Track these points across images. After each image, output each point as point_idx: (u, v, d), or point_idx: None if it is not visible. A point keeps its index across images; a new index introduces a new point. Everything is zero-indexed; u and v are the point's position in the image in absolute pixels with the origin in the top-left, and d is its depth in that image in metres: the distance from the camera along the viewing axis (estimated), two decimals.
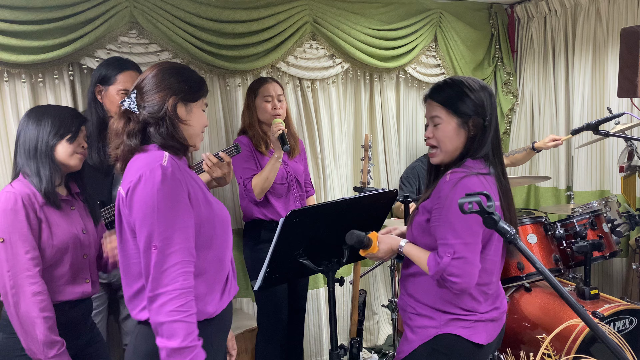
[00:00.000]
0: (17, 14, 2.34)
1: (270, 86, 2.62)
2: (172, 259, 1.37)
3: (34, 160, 1.75)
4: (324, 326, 3.29)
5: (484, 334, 1.67)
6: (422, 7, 3.61)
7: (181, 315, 1.35)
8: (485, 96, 1.65)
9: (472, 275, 1.56)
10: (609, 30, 3.46)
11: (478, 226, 1.56)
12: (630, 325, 2.58)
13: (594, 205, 3.05)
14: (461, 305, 1.65)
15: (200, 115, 1.58)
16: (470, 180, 1.57)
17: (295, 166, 2.73)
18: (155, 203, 1.37)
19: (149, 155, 1.46)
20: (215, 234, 1.52)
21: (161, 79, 1.50)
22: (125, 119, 1.51)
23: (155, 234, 1.37)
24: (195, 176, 1.56)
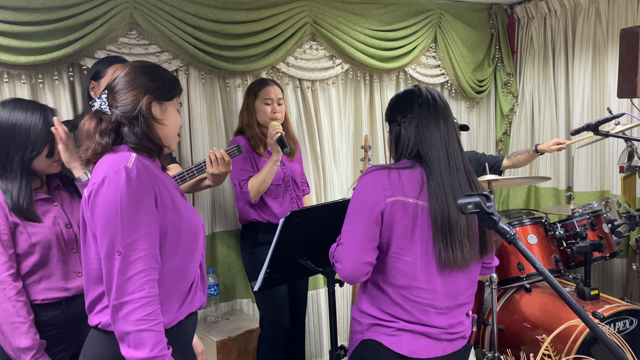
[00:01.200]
0: (17, 15, 2.34)
1: (272, 89, 2.62)
2: (136, 266, 1.31)
3: (3, 179, 1.74)
4: (324, 327, 3.29)
5: (407, 345, 1.55)
6: (422, 8, 3.61)
7: (148, 324, 1.30)
8: (403, 100, 1.64)
9: (350, 262, 1.53)
10: (609, 31, 3.46)
11: (365, 214, 1.53)
12: (630, 325, 2.58)
13: (594, 205, 3.05)
14: (383, 308, 1.58)
15: (175, 115, 1.53)
16: (377, 172, 1.56)
17: (292, 167, 2.73)
18: (119, 207, 1.31)
19: (115, 157, 1.40)
20: (180, 242, 1.45)
21: (133, 77, 1.45)
22: (97, 119, 1.45)
23: (119, 240, 1.31)
24: (167, 180, 1.49)
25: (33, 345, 1.68)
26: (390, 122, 1.66)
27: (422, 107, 1.59)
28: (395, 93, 1.72)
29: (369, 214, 1.53)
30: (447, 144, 1.58)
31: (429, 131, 1.57)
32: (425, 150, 1.56)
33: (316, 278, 3.24)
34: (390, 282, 1.56)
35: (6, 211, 1.71)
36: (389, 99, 1.72)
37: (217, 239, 3.04)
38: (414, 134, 1.58)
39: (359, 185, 1.58)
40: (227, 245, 3.06)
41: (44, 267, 1.77)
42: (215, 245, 3.03)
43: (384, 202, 1.52)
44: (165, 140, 1.50)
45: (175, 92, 1.52)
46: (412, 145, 1.58)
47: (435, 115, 1.59)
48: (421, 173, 1.56)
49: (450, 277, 1.57)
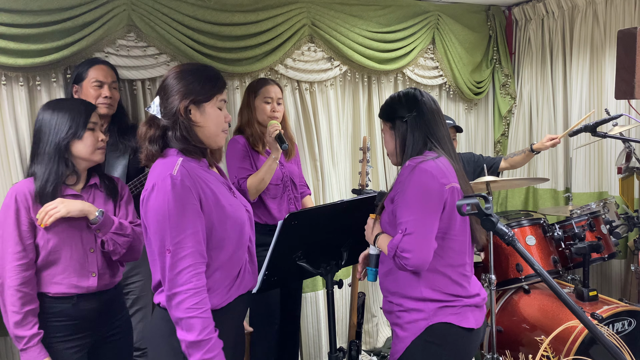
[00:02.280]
0: (15, 17, 2.34)
1: (272, 88, 2.62)
2: (184, 262, 1.47)
3: (42, 163, 1.80)
4: (323, 329, 3.28)
5: (472, 319, 1.71)
6: (420, 10, 3.62)
7: (197, 311, 1.47)
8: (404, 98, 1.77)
9: (423, 250, 1.60)
10: (606, 32, 3.47)
11: (434, 203, 1.64)
12: (629, 326, 2.58)
13: (593, 206, 3.06)
14: (447, 291, 1.69)
15: (216, 114, 1.61)
16: (428, 163, 1.66)
17: (290, 167, 2.73)
18: (167, 211, 1.47)
19: (164, 163, 1.53)
20: (227, 236, 1.58)
21: (177, 81, 1.56)
22: (149, 124, 1.59)
23: (168, 240, 1.47)
24: (212, 178, 1.61)
25: (24, 335, 1.74)
26: (393, 119, 1.77)
27: (426, 104, 1.74)
28: (393, 94, 1.84)
29: (436, 203, 1.64)
30: (447, 133, 1.78)
31: (436, 127, 1.74)
32: (437, 141, 1.73)
33: (315, 280, 3.24)
34: (448, 264, 1.70)
35: (30, 203, 1.77)
36: (387, 101, 1.83)
37: None
38: (424, 129, 1.73)
39: (417, 176, 1.65)
40: None
41: (59, 262, 1.81)
42: None
43: (445, 190, 1.65)
44: (207, 140, 1.61)
45: (214, 91, 1.59)
46: (425, 138, 1.72)
47: (436, 109, 1.76)
48: (448, 159, 1.73)
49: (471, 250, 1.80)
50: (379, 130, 3.64)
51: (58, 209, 1.74)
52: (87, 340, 1.89)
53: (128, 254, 1.92)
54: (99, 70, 2.34)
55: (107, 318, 1.94)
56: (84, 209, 1.79)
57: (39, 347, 1.76)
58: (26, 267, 1.76)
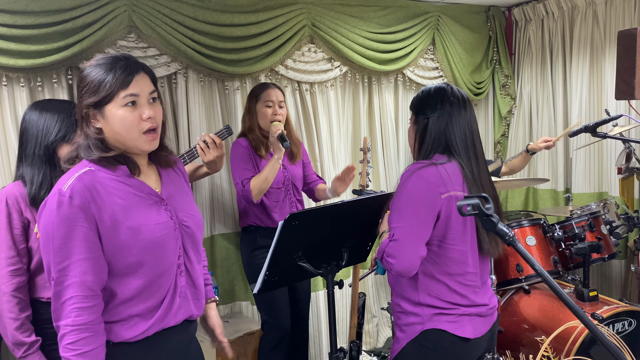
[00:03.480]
0: (15, 18, 2.34)
1: (272, 92, 2.62)
2: (66, 293, 1.31)
3: (31, 166, 1.76)
4: (324, 329, 3.29)
5: (470, 328, 1.68)
6: (420, 10, 3.62)
7: (71, 352, 1.30)
8: (434, 95, 1.72)
9: (407, 257, 1.60)
10: (606, 33, 3.47)
11: (425, 212, 1.62)
12: (629, 327, 2.58)
13: (593, 207, 3.06)
14: (444, 298, 1.68)
15: (123, 116, 1.36)
16: (428, 169, 1.64)
17: (294, 171, 2.73)
18: (50, 233, 1.30)
19: (65, 175, 1.37)
20: (139, 261, 1.38)
21: (78, 86, 1.39)
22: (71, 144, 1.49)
23: (52, 265, 1.31)
24: (124, 194, 1.39)
25: (25, 341, 1.70)
26: (417, 114, 1.75)
27: (453, 106, 1.69)
28: (425, 87, 1.78)
29: (426, 212, 1.62)
30: (474, 139, 1.71)
31: (458, 128, 1.68)
32: (455, 145, 1.68)
33: (315, 280, 3.24)
34: (445, 272, 1.67)
35: (22, 206, 1.73)
36: (418, 93, 1.79)
37: (216, 241, 3.04)
38: (444, 129, 1.68)
39: (412, 183, 1.63)
40: (227, 248, 3.06)
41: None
42: (214, 248, 3.03)
43: (440, 199, 1.62)
44: (119, 143, 1.40)
45: (113, 88, 1.35)
46: (442, 140, 1.68)
47: (464, 113, 1.70)
48: (458, 166, 1.67)
49: (483, 259, 1.75)
50: (379, 131, 3.65)
51: None
52: None
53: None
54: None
55: None
56: None
57: (39, 355, 1.73)
58: (20, 273, 1.72)
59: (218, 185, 3.02)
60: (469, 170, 1.68)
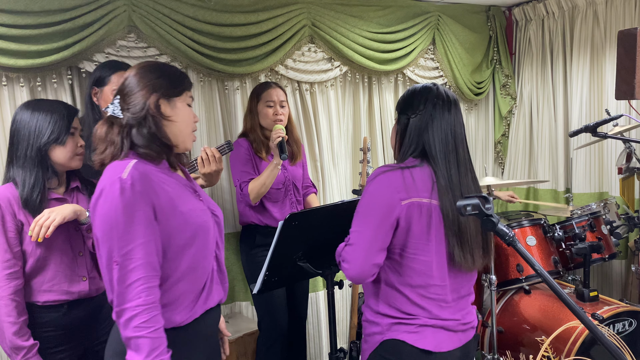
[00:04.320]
0: (15, 18, 2.34)
1: (274, 91, 2.62)
2: (133, 275, 1.35)
3: (22, 168, 1.74)
4: (324, 329, 3.28)
5: (431, 340, 1.57)
6: (420, 10, 3.62)
7: (145, 331, 1.35)
8: (418, 95, 1.63)
9: (358, 264, 1.55)
10: (607, 33, 3.47)
11: (381, 218, 1.53)
12: (629, 327, 2.58)
13: (593, 207, 3.06)
14: (403, 309, 1.58)
15: (186, 111, 1.54)
16: (391, 174, 1.56)
17: (294, 171, 2.73)
18: (114, 219, 1.35)
19: (116, 165, 1.41)
20: (187, 244, 1.47)
21: (140, 77, 1.48)
22: (109, 124, 1.48)
23: (115, 250, 1.35)
24: (170, 183, 1.49)
25: (23, 345, 1.68)
26: (400, 113, 1.67)
27: (436, 107, 1.60)
28: (412, 86, 1.70)
29: (383, 218, 1.53)
30: (456, 144, 1.60)
31: (439, 131, 1.59)
32: (432, 149, 1.58)
33: (315, 280, 3.24)
34: (407, 283, 1.57)
35: (15, 209, 1.71)
36: (404, 92, 1.71)
37: None
38: (423, 132, 1.59)
39: (373, 186, 1.57)
40: (226, 248, 3.06)
41: (48, 269, 1.76)
42: None
43: (400, 205, 1.53)
44: (176, 138, 1.52)
45: (183, 86, 1.53)
46: (419, 143, 1.60)
47: (448, 116, 1.60)
48: (430, 171, 1.58)
49: (458, 272, 1.61)
50: (379, 131, 3.64)
51: (52, 218, 1.67)
52: (77, 349, 1.85)
53: None
54: (122, 78, 2.27)
55: (96, 326, 1.90)
56: (76, 210, 1.75)
57: (38, 358, 1.71)
58: (16, 276, 1.70)
59: (217, 186, 3.01)
60: (445, 177, 1.56)
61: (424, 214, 1.54)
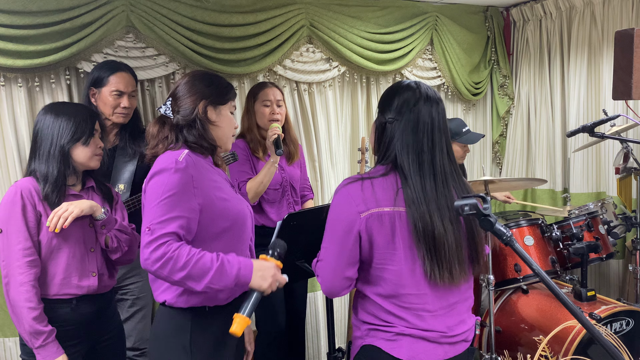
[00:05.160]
0: (13, 18, 2.34)
1: (270, 91, 2.62)
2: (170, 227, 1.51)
3: (45, 163, 1.80)
4: (322, 329, 3.29)
5: (406, 350, 1.49)
6: (418, 11, 3.63)
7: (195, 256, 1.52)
8: (398, 95, 1.55)
9: (329, 279, 1.55)
10: (604, 33, 3.48)
11: (342, 233, 1.50)
12: (627, 326, 2.59)
13: (590, 207, 3.06)
14: (379, 316, 1.53)
15: (229, 118, 1.72)
16: (351, 186, 1.51)
17: (292, 172, 2.73)
18: (162, 191, 1.52)
19: (172, 152, 1.59)
20: (228, 227, 1.63)
21: (192, 85, 1.67)
22: (160, 123, 1.68)
23: (154, 218, 1.50)
24: (215, 174, 1.67)
25: (43, 330, 1.72)
26: (379, 112, 1.59)
27: (412, 113, 1.51)
28: (395, 84, 1.61)
29: (345, 233, 1.50)
30: (433, 153, 1.51)
31: (410, 137, 1.50)
32: (402, 160, 1.50)
33: (314, 280, 3.24)
34: (378, 293, 1.52)
35: (36, 200, 1.77)
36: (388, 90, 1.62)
37: None
38: (397, 139, 1.51)
39: (334, 202, 1.54)
40: None
41: (60, 261, 1.80)
42: None
43: (359, 218, 1.48)
44: (219, 140, 1.71)
45: (229, 96, 1.72)
46: (392, 150, 1.52)
47: (427, 121, 1.51)
48: (395, 179, 1.50)
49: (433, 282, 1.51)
50: None
51: (71, 210, 1.75)
52: (84, 345, 1.88)
53: (128, 253, 1.93)
54: (120, 79, 2.28)
55: (103, 322, 1.94)
56: (93, 206, 1.81)
57: (57, 344, 1.75)
58: (36, 264, 1.76)
59: None
60: (418, 188, 1.47)
61: (386, 223, 1.47)
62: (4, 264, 1.75)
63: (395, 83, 1.63)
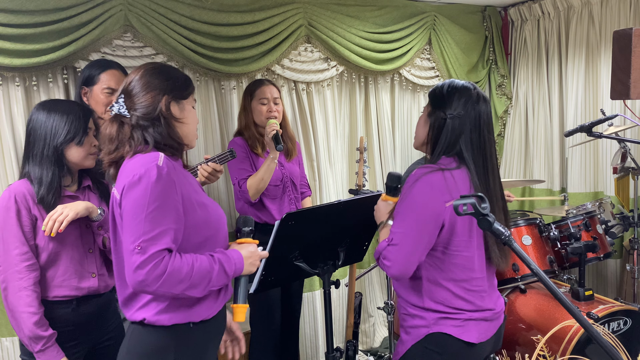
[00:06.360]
0: (11, 17, 2.33)
1: (267, 88, 2.62)
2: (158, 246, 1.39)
3: (39, 166, 1.77)
4: (320, 329, 3.28)
5: (475, 333, 1.66)
6: (417, 10, 3.63)
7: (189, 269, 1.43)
8: (458, 94, 1.65)
9: (403, 263, 1.60)
10: (602, 33, 3.48)
11: (427, 220, 1.59)
12: (624, 326, 2.59)
13: (588, 206, 3.07)
14: (448, 304, 1.66)
15: (193, 112, 1.60)
16: (434, 176, 1.60)
17: (291, 168, 2.73)
18: (147, 202, 1.38)
19: (144, 157, 1.45)
20: (210, 235, 1.53)
21: (149, 79, 1.51)
22: (118, 123, 1.50)
23: (142, 234, 1.37)
24: (190, 178, 1.56)
25: (43, 335, 1.71)
26: (435, 107, 1.68)
27: (475, 112, 1.64)
28: (452, 82, 1.71)
29: (428, 221, 1.59)
30: (491, 150, 1.68)
31: (474, 134, 1.64)
32: (469, 153, 1.63)
33: (312, 280, 3.24)
34: (450, 278, 1.65)
35: (30, 203, 1.75)
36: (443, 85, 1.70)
37: None
38: (460, 135, 1.63)
39: (417, 189, 1.60)
40: None
41: (59, 264, 1.79)
42: None
43: (445, 208, 1.59)
44: (186, 138, 1.57)
45: (190, 89, 1.59)
46: (456, 145, 1.64)
47: (484, 120, 1.66)
48: (467, 173, 1.64)
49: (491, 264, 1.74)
50: (376, 131, 3.65)
51: (66, 214, 1.72)
52: (84, 346, 1.87)
53: None
54: (112, 76, 2.24)
55: (103, 323, 1.93)
56: (88, 207, 1.79)
57: (57, 348, 1.74)
58: (35, 268, 1.74)
59: (214, 186, 3.01)
60: (482, 181, 1.64)
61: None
62: (1, 269, 1.73)
63: (447, 82, 1.71)
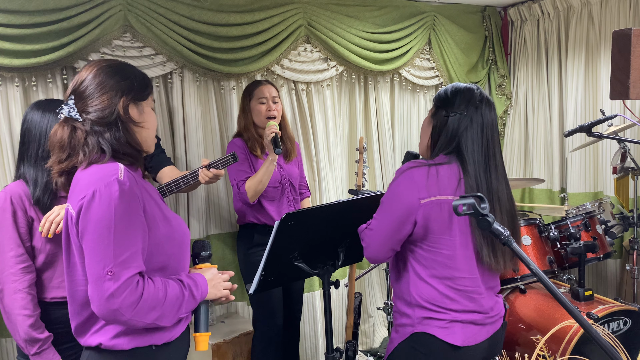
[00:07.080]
0: (10, 17, 2.33)
1: (265, 88, 2.62)
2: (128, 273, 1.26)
3: (34, 167, 1.77)
4: (320, 329, 3.28)
5: (460, 335, 1.62)
6: (416, 10, 3.63)
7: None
8: (461, 94, 1.66)
9: (375, 248, 1.68)
10: (601, 33, 3.48)
11: (398, 214, 1.61)
12: (624, 326, 2.59)
13: (588, 206, 3.07)
14: (432, 301, 1.63)
15: (153, 115, 1.45)
16: (417, 171, 1.61)
17: (290, 169, 2.73)
18: (112, 223, 1.23)
19: (101, 168, 1.30)
20: (173, 253, 1.40)
21: (104, 79, 1.34)
22: (70, 128, 1.34)
23: (112, 258, 1.23)
24: (151, 189, 1.42)
25: (39, 338, 1.71)
26: (438, 107, 1.70)
27: (477, 111, 1.65)
28: (455, 84, 1.73)
29: (401, 214, 1.61)
30: (495, 149, 1.66)
31: (477, 134, 1.64)
32: (468, 151, 1.62)
33: (312, 280, 3.24)
34: (433, 275, 1.64)
35: (26, 205, 1.74)
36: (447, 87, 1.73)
37: (212, 241, 3.03)
38: (462, 132, 1.63)
39: (397, 181, 1.64)
40: (222, 248, 3.05)
41: (56, 265, 1.79)
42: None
43: (418, 204, 1.58)
44: (145, 143, 1.43)
45: (149, 89, 1.44)
46: (455, 142, 1.64)
47: (487, 120, 1.66)
48: (458, 168, 1.63)
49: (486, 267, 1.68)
50: (376, 131, 3.65)
51: (62, 214, 1.70)
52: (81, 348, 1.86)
53: None
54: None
55: None
56: None
57: (53, 350, 1.74)
58: (31, 270, 1.74)
59: (214, 186, 3.01)
60: (482, 181, 1.61)
61: (445, 210, 1.59)
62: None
63: (451, 85, 1.74)
